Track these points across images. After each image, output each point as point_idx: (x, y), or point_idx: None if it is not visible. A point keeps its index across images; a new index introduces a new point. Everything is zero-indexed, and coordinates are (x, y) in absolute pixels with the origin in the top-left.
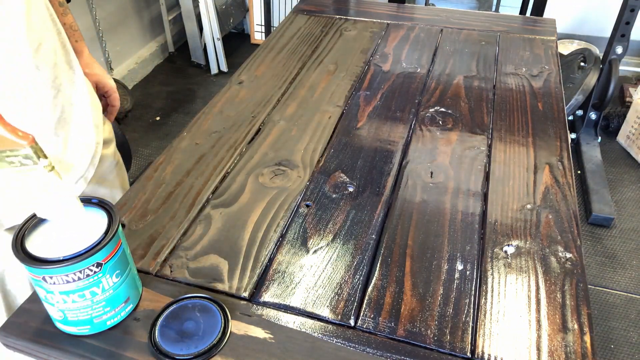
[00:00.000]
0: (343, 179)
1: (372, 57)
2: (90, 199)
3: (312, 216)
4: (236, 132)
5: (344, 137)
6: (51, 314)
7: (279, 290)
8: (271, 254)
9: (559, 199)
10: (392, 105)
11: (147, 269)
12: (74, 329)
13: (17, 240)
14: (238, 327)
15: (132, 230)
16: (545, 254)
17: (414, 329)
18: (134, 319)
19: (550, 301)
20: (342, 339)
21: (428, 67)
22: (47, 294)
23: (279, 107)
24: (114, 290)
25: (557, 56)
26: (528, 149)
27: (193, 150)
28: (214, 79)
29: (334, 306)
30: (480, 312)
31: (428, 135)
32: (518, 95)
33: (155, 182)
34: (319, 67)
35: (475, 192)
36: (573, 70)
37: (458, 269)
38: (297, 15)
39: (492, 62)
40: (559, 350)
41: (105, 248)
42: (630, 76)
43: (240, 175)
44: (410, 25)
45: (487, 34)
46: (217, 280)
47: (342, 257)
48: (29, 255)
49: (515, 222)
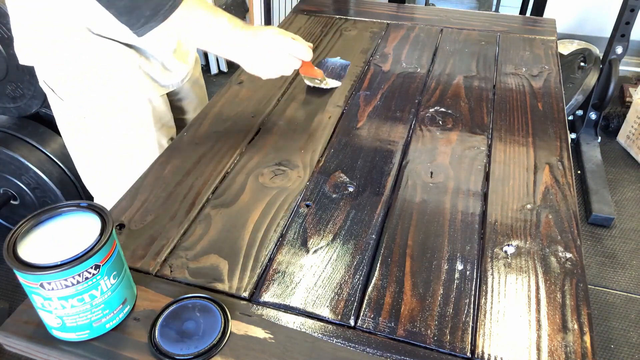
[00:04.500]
0: (343, 179)
1: (372, 57)
2: (79, 204)
3: (312, 216)
4: (236, 132)
5: (344, 137)
6: (48, 322)
7: (279, 290)
8: (271, 254)
9: (559, 199)
10: (392, 105)
11: (147, 269)
12: (73, 335)
13: (10, 250)
14: (238, 327)
15: (132, 230)
16: (545, 254)
17: (414, 329)
18: (133, 319)
19: (550, 301)
20: (342, 339)
21: (428, 67)
22: (44, 301)
23: (279, 107)
24: (112, 292)
25: (557, 56)
26: (528, 149)
27: (193, 150)
28: (214, 79)
29: (334, 306)
30: (480, 312)
31: (428, 135)
32: (518, 95)
33: (155, 182)
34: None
35: (475, 192)
36: (573, 70)
37: (458, 269)
38: (297, 15)
39: (492, 62)
40: (559, 350)
41: (102, 249)
42: (630, 76)
43: (240, 175)
44: (410, 25)
45: (487, 34)
46: (217, 280)
47: (342, 257)
48: (24, 262)
49: (515, 222)
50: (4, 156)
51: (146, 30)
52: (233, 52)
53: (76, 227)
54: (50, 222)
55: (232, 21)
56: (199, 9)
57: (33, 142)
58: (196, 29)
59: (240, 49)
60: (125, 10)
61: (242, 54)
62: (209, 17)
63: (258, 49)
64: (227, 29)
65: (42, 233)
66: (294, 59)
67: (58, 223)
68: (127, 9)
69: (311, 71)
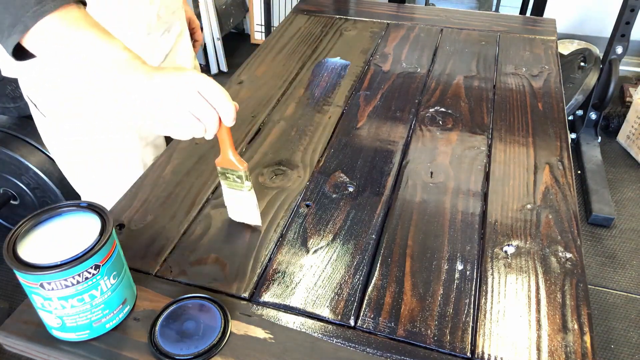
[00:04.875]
0: (343, 179)
1: (372, 57)
2: (79, 204)
3: (312, 216)
4: (236, 132)
5: (344, 137)
6: (48, 322)
7: (279, 290)
8: (271, 254)
9: (559, 199)
10: (392, 105)
11: (147, 269)
12: (73, 335)
13: (10, 250)
14: (238, 327)
15: (132, 230)
16: (545, 254)
17: (414, 329)
18: (134, 319)
19: (550, 301)
20: (342, 339)
21: (428, 67)
22: (44, 301)
23: (279, 107)
24: (111, 292)
25: (557, 56)
26: (528, 149)
27: (193, 150)
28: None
29: (334, 306)
30: (480, 312)
31: (428, 135)
32: (518, 95)
33: (155, 182)
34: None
35: (475, 192)
36: (573, 70)
37: (458, 269)
38: (297, 15)
39: (492, 62)
40: (559, 350)
41: (102, 250)
42: (630, 76)
43: None
44: (410, 25)
45: (487, 34)
46: (217, 280)
47: (342, 257)
48: (24, 262)
49: (515, 222)
50: (4, 156)
51: (10, 44)
52: (125, 89)
53: (76, 227)
54: (50, 222)
55: (130, 53)
56: (82, 24)
57: (33, 142)
58: (72, 50)
59: (135, 86)
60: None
61: (137, 93)
62: (95, 38)
63: (159, 87)
64: (120, 58)
65: (42, 233)
66: (209, 109)
67: (58, 223)
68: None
69: (229, 158)
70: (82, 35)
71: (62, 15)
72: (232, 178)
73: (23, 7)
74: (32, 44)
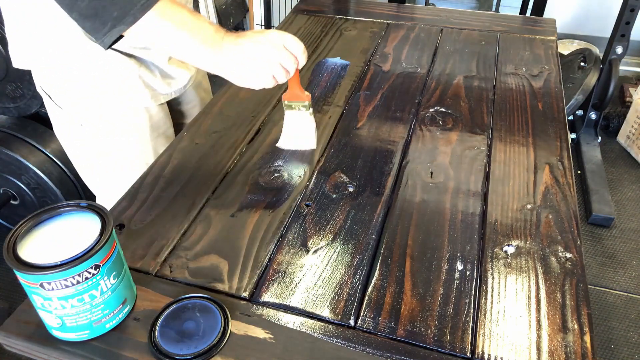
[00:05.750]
0: (343, 179)
1: (372, 57)
2: (79, 204)
3: (312, 216)
4: (236, 132)
5: (344, 137)
6: (48, 322)
7: (279, 290)
8: (271, 254)
9: (559, 199)
10: (392, 105)
11: (147, 269)
12: (73, 335)
13: (10, 250)
14: (238, 327)
15: (132, 230)
16: (545, 254)
17: (414, 329)
18: (134, 319)
19: (550, 301)
20: (342, 339)
21: (428, 67)
22: (44, 301)
23: (279, 107)
24: (111, 292)
25: (557, 56)
26: (528, 149)
27: (193, 150)
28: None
29: (334, 306)
30: (480, 312)
31: (428, 135)
32: (518, 95)
33: (155, 182)
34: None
35: (475, 192)
36: (573, 70)
37: (458, 269)
38: (297, 15)
39: (492, 62)
40: (559, 350)
41: (102, 250)
42: (630, 76)
43: (240, 175)
44: (410, 25)
45: (487, 34)
46: (217, 280)
47: (342, 257)
48: (24, 262)
49: (515, 222)
50: (4, 156)
51: (113, 35)
52: (215, 59)
53: (76, 227)
54: (50, 222)
55: (213, 25)
56: (177, 10)
57: (33, 142)
58: (172, 34)
59: (224, 54)
60: (89, 13)
61: (227, 59)
62: (189, 20)
63: (245, 48)
64: (210, 33)
65: (42, 233)
66: (288, 55)
67: (58, 223)
68: (91, 10)
69: (298, 93)
70: (177, 22)
71: (159, 6)
72: (297, 107)
73: (131, 1)
74: (129, 33)
